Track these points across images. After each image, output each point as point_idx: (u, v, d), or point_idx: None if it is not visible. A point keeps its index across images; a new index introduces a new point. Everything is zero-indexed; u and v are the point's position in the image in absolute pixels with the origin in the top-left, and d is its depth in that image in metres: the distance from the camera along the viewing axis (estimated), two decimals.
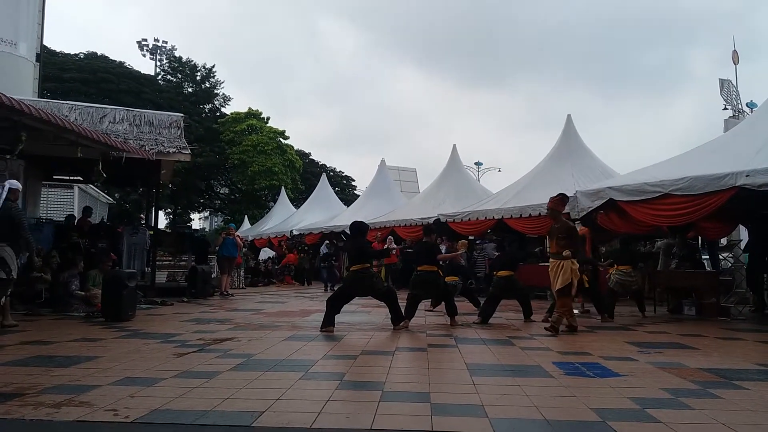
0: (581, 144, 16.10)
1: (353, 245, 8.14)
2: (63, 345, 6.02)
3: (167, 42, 45.59)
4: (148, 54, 44.92)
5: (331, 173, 45.94)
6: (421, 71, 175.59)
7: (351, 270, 7.86)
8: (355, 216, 19.54)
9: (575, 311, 10.48)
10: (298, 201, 36.07)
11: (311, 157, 48.64)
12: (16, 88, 13.86)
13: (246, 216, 36.55)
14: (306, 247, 22.92)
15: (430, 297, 9.53)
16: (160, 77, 42.18)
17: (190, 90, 41.96)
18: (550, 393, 4.20)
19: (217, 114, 42.19)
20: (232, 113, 40.62)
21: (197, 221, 60.35)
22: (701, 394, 4.11)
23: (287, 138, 40.26)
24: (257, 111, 40.12)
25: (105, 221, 17.46)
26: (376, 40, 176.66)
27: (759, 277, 10.67)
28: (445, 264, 9.75)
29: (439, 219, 16.23)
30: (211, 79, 42.81)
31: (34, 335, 6.71)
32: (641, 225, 10.38)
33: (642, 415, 3.52)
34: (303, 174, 41.61)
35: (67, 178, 15.71)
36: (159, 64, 44.22)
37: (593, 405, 3.73)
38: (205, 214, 56.73)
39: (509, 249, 10.20)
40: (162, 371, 4.66)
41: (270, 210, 34.52)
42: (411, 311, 8.13)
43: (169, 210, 40.77)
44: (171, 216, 41.76)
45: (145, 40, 44.86)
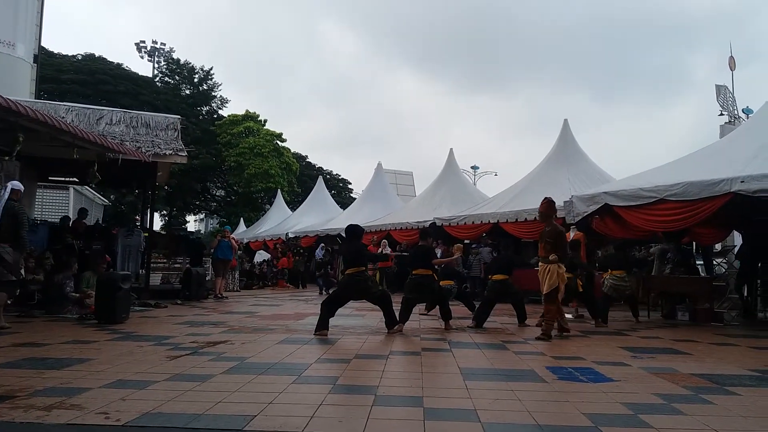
0: (577, 148, 16.16)
1: (349, 248, 8.13)
2: (55, 347, 6.00)
3: (165, 44, 45.82)
4: (146, 56, 44.99)
5: (328, 176, 46.02)
6: (419, 75, 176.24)
7: (346, 273, 7.85)
8: (352, 219, 19.53)
9: (569, 315, 10.53)
10: (294, 204, 36.07)
11: (308, 160, 48.73)
12: (13, 88, 13.85)
13: (242, 218, 36.55)
14: (301, 250, 22.90)
15: (424, 301, 9.52)
16: (157, 79, 42.19)
17: (187, 92, 41.97)
18: (542, 398, 4.21)
19: (215, 116, 42.19)
20: (229, 115, 40.63)
21: (193, 223, 60.28)
22: (694, 399, 4.12)
23: (284, 141, 40.31)
24: (254, 113, 40.14)
25: (100, 223, 17.40)
26: (374, 43, 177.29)
27: (751, 282, 10.72)
28: (440, 268, 9.77)
29: (435, 223, 16.26)
30: (209, 82, 42.86)
31: (26, 337, 6.68)
32: (636, 230, 10.42)
33: (634, 421, 3.53)
34: (299, 176, 41.63)
35: (63, 179, 15.66)
36: (157, 66, 44.27)
37: (586, 410, 3.73)
38: (201, 216, 56.68)
39: (504, 253, 10.22)
40: (154, 374, 4.65)
41: (266, 212, 34.50)
42: (405, 315, 8.13)
43: (165, 212, 40.72)
44: (166, 218, 41.70)
45: (143, 41, 44.96)
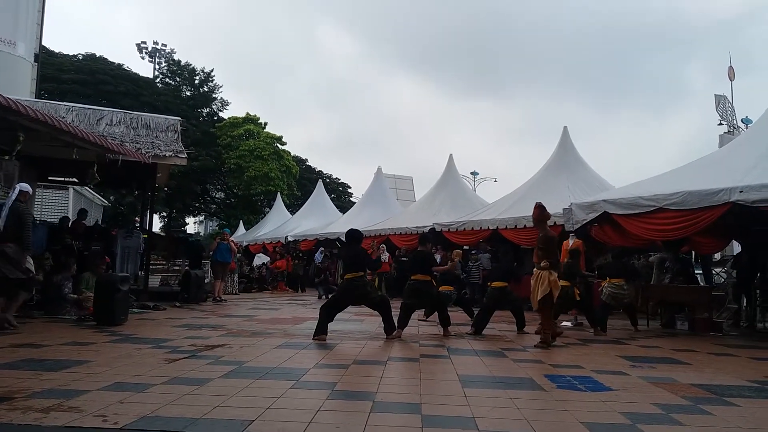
0: (577, 156, 16.18)
1: (348, 253, 8.13)
2: (54, 348, 5.98)
3: (166, 45, 45.75)
4: (147, 57, 44.93)
5: (328, 180, 46.00)
6: (419, 80, 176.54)
7: (345, 278, 7.85)
8: (351, 223, 19.57)
9: (568, 323, 10.54)
10: (293, 207, 36.05)
11: (308, 163, 48.71)
12: (13, 88, 13.85)
13: (241, 221, 36.52)
14: (300, 254, 22.89)
15: (423, 306, 9.52)
16: (158, 80, 42.21)
17: (188, 93, 41.99)
18: (541, 406, 4.21)
19: (215, 118, 42.19)
20: (229, 118, 40.64)
21: (192, 225, 60.23)
22: (692, 410, 4.12)
23: (284, 144, 40.34)
24: (255, 116, 40.15)
25: (99, 224, 17.38)
26: (374, 47, 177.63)
27: (750, 292, 10.73)
28: (440, 273, 9.77)
29: (434, 228, 16.26)
30: (210, 83, 42.90)
31: (25, 338, 6.66)
32: (635, 238, 10.43)
33: (632, 431, 3.53)
34: (299, 180, 41.63)
35: (63, 179, 15.64)
36: (158, 67, 44.25)
37: (584, 419, 3.73)
38: (200, 218, 56.57)
39: (504, 260, 10.22)
40: (153, 377, 4.64)
41: (265, 215, 34.49)
42: (404, 321, 8.11)
43: (164, 213, 40.68)
44: (166, 219, 41.66)
45: (145, 42, 44.91)
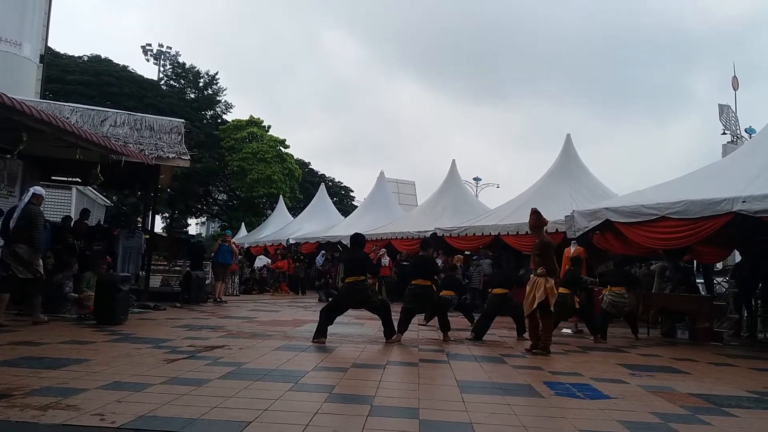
0: (580, 163, 16.19)
1: (350, 257, 8.13)
2: (53, 347, 5.99)
3: (171, 48, 45.98)
4: (152, 59, 45.25)
5: (330, 183, 46.04)
6: (423, 85, 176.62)
7: (346, 281, 7.85)
8: (353, 227, 19.57)
9: (568, 330, 10.51)
10: (295, 210, 36.07)
11: (310, 167, 48.76)
12: (18, 88, 13.92)
13: (243, 223, 36.56)
14: (302, 256, 22.89)
15: (424, 311, 9.51)
16: (163, 82, 42.36)
17: (192, 96, 42.13)
18: (539, 413, 4.20)
19: (219, 121, 42.31)
20: (233, 120, 40.75)
21: (194, 226, 60.26)
22: (691, 420, 4.10)
23: (287, 147, 40.39)
24: (258, 119, 40.25)
25: (102, 223, 17.42)
26: (378, 52, 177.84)
27: (751, 302, 10.70)
28: (440, 278, 9.76)
29: (436, 233, 16.26)
30: (214, 86, 43.04)
31: (24, 335, 6.68)
32: (637, 247, 10.41)
33: None
34: (302, 183, 41.68)
35: (66, 179, 15.69)
36: (162, 69, 44.49)
37: (582, 427, 3.72)
38: (203, 219, 56.64)
39: (506, 267, 10.21)
40: (151, 377, 4.64)
41: (267, 218, 34.52)
42: (404, 325, 8.11)
43: (167, 214, 40.74)
44: (168, 220, 41.72)
45: (150, 45, 45.27)
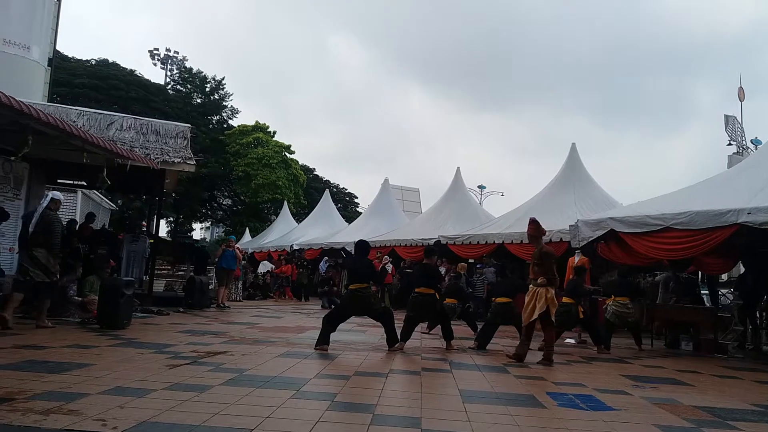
0: (585, 172, 16.16)
1: (354, 263, 8.12)
2: (56, 351, 6.00)
3: (179, 53, 46.16)
4: (159, 63, 45.33)
5: (335, 189, 46.08)
6: (429, 93, 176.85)
7: (349, 288, 7.83)
8: (357, 233, 19.58)
9: (571, 341, 10.47)
10: (300, 216, 36.12)
11: (315, 173, 48.84)
12: (27, 91, 14.01)
13: (247, 228, 36.60)
14: (305, 263, 22.90)
15: (426, 319, 9.48)
16: (169, 87, 42.54)
17: (198, 101, 42.30)
18: (541, 424, 4.18)
19: (224, 126, 42.44)
20: (239, 126, 40.89)
21: (198, 231, 60.42)
22: None
23: (293, 152, 40.52)
24: (264, 124, 40.40)
25: (106, 227, 17.48)
26: (383, 59, 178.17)
27: (753, 313, 10.65)
28: (443, 286, 9.75)
29: (440, 240, 16.25)
30: (220, 91, 43.20)
31: (28, 339, 6.69)
32: (642, 257, 10.37)
33: None
34: (306, 189, 41.75)
35: (72, 182, 15.75)
36: (169, 73, 44.64)
37: None
38: (207, 224, 56.79)
39: (511, 277, 10.18)
40: (153, 382, 4.64)
41: (272, 223, 34.56)
42: (407, 333, 8.08)
43: (171, 219, 40.84)
44: (172, 224, 41.81)
45: (157, 49, 45.32)
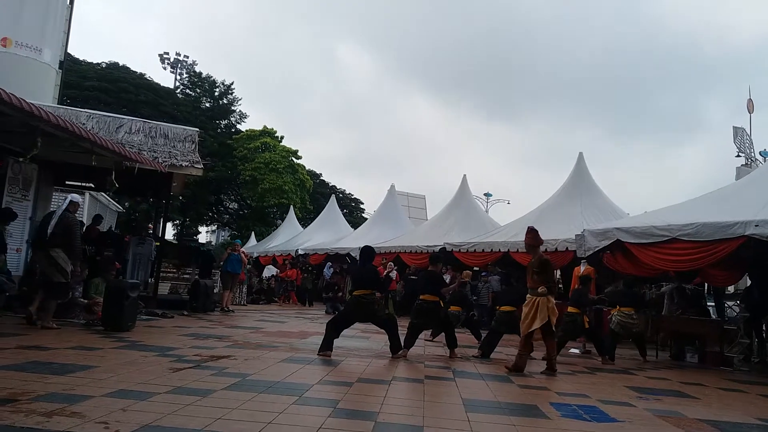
0: (592, 182, 16.12)
1: (359, 270, 8.12)
2: (60, 352, 6.02)
3: (188, 57, 46.49)
4: (168, 67, 45.68)
5: (341, 195, 46.18)
6: (436, 101, 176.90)
7: (354, 294, 7.83)
8: (362, 239, 19.58)
9: (575, 351, 10.42)
10: (305, 221, 36.16)
11: (322, 178, 48.96)
12: (37, 93, 14.11)
13: (253, 232, 36.69)
14: (310, 267, 22.90)
15: (430, 327, 9.46)
16: (178, 90, 42.80)
17: (207, 105, 42.55)
18: None
19: (233, 130, 42.67)
20: (247, 130, 41.11)
21: (204, 234, 60.58)
22: None
23: (300, 158, 40.65)
24: (272, 129, 40.57)
25: (113, 229, 17.54)
26: (391, 66, 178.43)
27: (759, 326, 10.56)
28: (448, 294, 9.72)
29: (445, 248, 16.22)
30: (229, 96, 43.46)
31: (32, 340, 6.72)
32: (647, 268, 10.32)
33: None
34: (312, 194, 41.85)
35: (80, 184, 15.84)
36: (179, 77, 44.93)
37: None
38: (213, 227, 56.94)
39: (516, 285, 10.14)
40: (156, 385, 4.65)
41: (277, 228, 34.63)
42: (411, 340, 8.07)
43: (177, 221, 41.00)
44: (179, 227, 41.97)
45: (167, 53, 45.67)
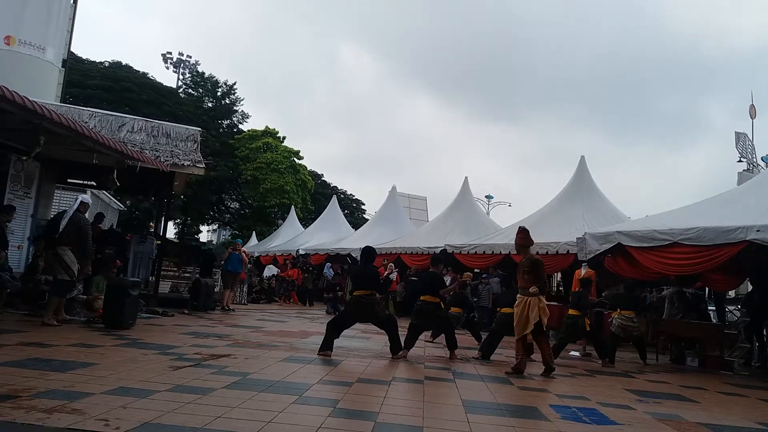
0: (593, 185, 16.12)
1: (360, 270, 8.13)
2: (61, 349, 6.03)
3: (191, 57, 46.43)
4: (171, 66, 45.61)
5: (342, 195, 46.17)
6: (438, 102, 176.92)
7: (354, 295, 7.84)
8: (363, 240, 19.58)
9: (576, 353, 10.41)
10: (306, 221, 36.17)
11: (323, 179, 48.99)
12: (40, 91, 14.15)
13: (254, 232, 36.71)
14: (311, 267, 22.91)
15: (430, 328, 9.46)
16: (181, 90, 42.79)
17: (209, 105, 42.56)
18: None
19: (235, 130, 42.69)
20: (249, 130, 41.14)
21: (205, 233, 60.64)
22: None
23: (301, 158, 40.69)
24: (274, 130, 40.60)
25: (114, 227, 17.57)
26: (393, 68, 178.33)
27: (759, 330, 10.55)
28: (448, 295, 9.72)
29: (446, 250, 16.22)
30: (231, 96, 43.47)
31: (33, 336, 6.73)
32: (648, 271, 10.33)
33: None
34: (314, 194, 41.87)
35: (82, 182, 15.86)
36: (181, 77, 44.91)
37: None
38: (214, 227, 57.00)
39: (516, 287, 10.13)
40: (157, 383, 4.65)
41: (278, 228, 34.65)
42: (411, 341, 8.07)
43: (179, 220, 41.02)
44: (180, 226, 41.99)
45: (170, 53, 45.61)
